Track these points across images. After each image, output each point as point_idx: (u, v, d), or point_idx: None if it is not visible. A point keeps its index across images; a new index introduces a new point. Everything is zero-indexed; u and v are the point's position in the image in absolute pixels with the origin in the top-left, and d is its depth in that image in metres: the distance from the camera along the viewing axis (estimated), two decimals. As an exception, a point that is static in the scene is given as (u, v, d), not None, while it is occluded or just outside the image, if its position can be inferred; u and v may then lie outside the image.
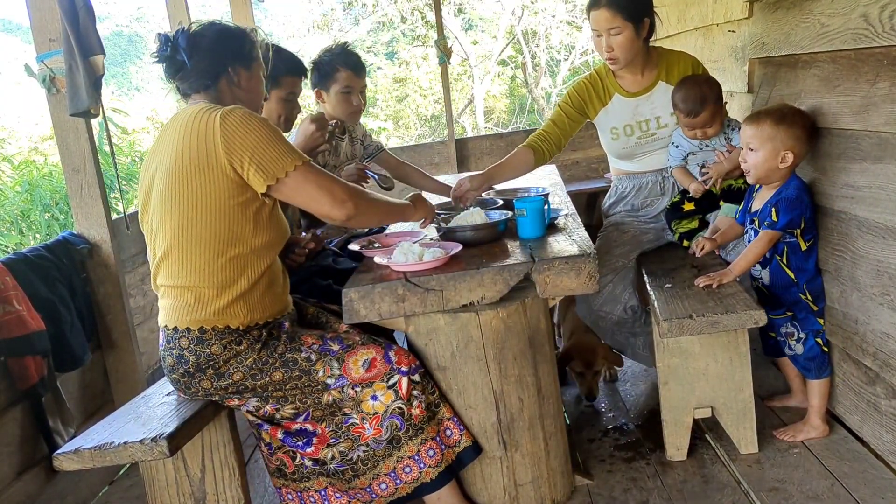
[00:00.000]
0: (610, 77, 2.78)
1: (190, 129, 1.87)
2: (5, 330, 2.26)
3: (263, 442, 2.09)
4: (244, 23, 4.41)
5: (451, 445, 2.05)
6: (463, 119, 12.42)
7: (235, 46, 2.04)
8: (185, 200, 1.88)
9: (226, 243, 1.91)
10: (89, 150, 2.70)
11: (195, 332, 1.91)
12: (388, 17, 12.45)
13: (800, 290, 2.32)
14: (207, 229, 1.89)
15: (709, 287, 2.25)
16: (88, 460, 1.81)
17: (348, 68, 2.82)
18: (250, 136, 1.85)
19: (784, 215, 2.21)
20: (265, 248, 1.98)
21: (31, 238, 5.67)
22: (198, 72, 1.99)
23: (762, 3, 2.71)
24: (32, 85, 2.73)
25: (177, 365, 1.95)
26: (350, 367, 1.96)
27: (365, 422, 1.99)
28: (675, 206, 2.70)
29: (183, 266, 1.92)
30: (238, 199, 1.89)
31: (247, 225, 1.93)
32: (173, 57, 1.99)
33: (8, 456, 2.29)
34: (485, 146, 5.15)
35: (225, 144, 1.84)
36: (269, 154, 1.87)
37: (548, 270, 2.01)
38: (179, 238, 1.90)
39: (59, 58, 2.57)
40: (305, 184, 1.91)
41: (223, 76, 2.02)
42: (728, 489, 2.18)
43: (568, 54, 12.41)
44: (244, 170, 1.86)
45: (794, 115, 2.23)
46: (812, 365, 2.35)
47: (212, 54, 2.00)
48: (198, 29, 2.02)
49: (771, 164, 2.23)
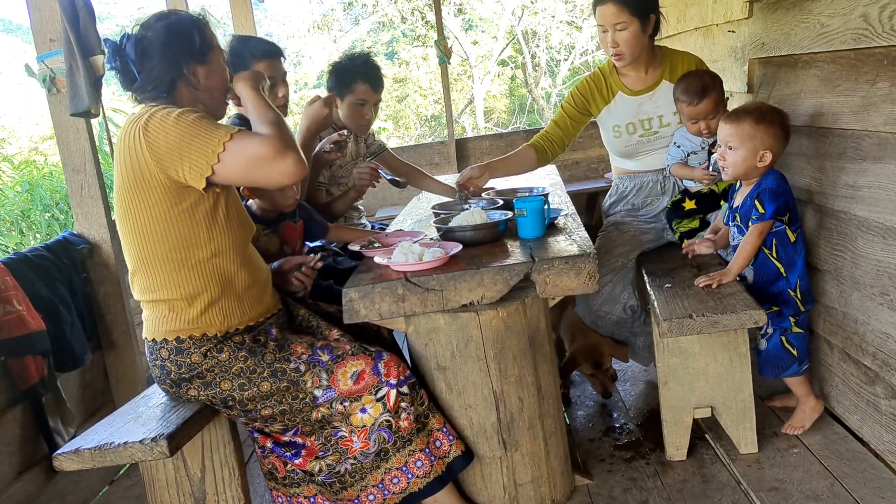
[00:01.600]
0: (614, 75, 2.78)
1: (121, 148, 1.81)
2: (5, 330, 2.26)
3: (258, 444, 2.09)
4: (244, 23, 4.42)
5: (441, 456, 2.03)
6: (463, 119, 12.42)
7: (187, 43, 1.87)
8: (133, 219, 1.85)
9: (183, 252, 1.86)
10: (89, 150, 2.70)
11: (173, 342, 1.90)
12: (388, 17, 12.45)
13: (789, 286, 2.30)
14: (161, 242, 1.85)
15: (709, 287, 2.25)
16: (88, 460, 1.81)
17: (367, 82, 2.82)
18: (172, 139, 1.75)
19: (770, 204, 2.21)
20: (229, 249, 1.92)
21: (32, 238, 5.67)
22: (151, 81, 1.86)
23: (762, 3, 2.71)
24: (33, 85, 2.73)
25: (162, 376, 1.95)
26: (339, 379, 1.93)
27: (353, 434, 1.97)
28: (676, 205, 2.70)
29: (151, 280, 1.90)
30: (180, 205, 1.83)
31: (199, 229, 1.86)
32: (125, 69, 1.87)
33: (8, 456, 2.29)
34: (485, 146, 5.15)
35: (153, 156, 1.77)
36: (194, 146, 1.75)
37: (548, 270, 2.01)
38: (140, 255, 1.88)
39: (59, 58, 2.57)
40: (238, 156, 1.76)
41: (180, 81, 1.88)
42: (728, 489, 2.18)
43: (568, 54, 12.40)
44: (180, 173, 1.78)
45: (773, 115, 2.24)
46: (770, 365, 2.35)
47: (163, 59, 1.85)
48: (144, 32, 1.87)
49: (750, 162, 2.24)
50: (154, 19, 1.89)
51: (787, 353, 2.33)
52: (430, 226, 2.49)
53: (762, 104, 2.30)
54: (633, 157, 2.83)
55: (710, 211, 2.65)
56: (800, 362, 2.34)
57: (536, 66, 12.52)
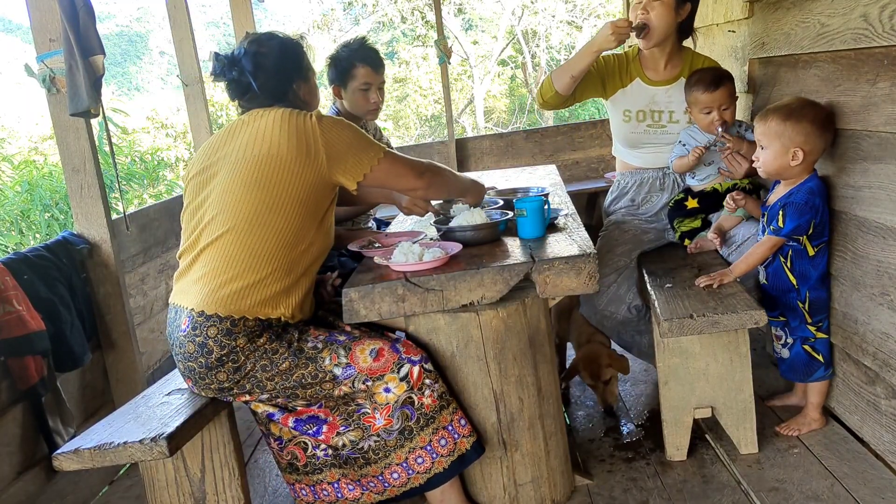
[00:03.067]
0: (636, 62, 2.80)
1: (288, 123, 1.95)
2: (5, 330, 2.26)
3: (273, 437, 2.08)
4: (244, 23, 4.42)
5: (466, 435, 2.02)
6: (463, 119, 12.43)
7: (297, 62, 2.11)
8: (274, 187, 1.93)
9: (295, 236, 1.96)
10: (89, 150, 2.70)
11: (227, 322, 1.89)
12: (388, 17, 12.46)
13: (799, 298, 2.29)
14: (284, 219, 1.94)
15: (709, 287, 2.25)
16: (88, 460, 1.81)
17: (367, 64, 2.80)
18: (345, 138, 1.98)
19: (791, 221, 2.17)
20: (319, 251, 2.05)
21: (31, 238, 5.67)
22: (265, 92, 2.04)
23: (762, 3, 2.71)
24: (32, 85, 2.73)
25: (197, 353, 1.90)
26: (357, 356, 1.95)
27: (377, 412, 1.98)
28: (679, 204, 2.70)
29: (241, 250, 1.93)
30: (319, 194, 1.99)
31: (313, 225, 2.01)
32: (239, 80, 2.04)
33: (8, 456, 2.29)
34: (485, 146, 5.15)
35: (326, 145, 1.95)
36: (360, 152, 2.00)
37: (548, 270, 2.01)
38: (249, 222, 1.93)
39: (59, 58, 2.57)
40: (391, 169, 2.07)
41: (289, 93, 2.08)
42: (728, 489, 2.18)
43: (568, 54, 12.40)
44: (339, 170, 1.98)
45: (803, 110, 2.17)
46: (796, 370, 2.35)
47: (277, 74, 2.06)
48: (260, 48, 2.05)
49: (781, 161, 2.19)
50: (266, 37, 2.09)
51: (814, 360, 2.32)
52: (430, 226, 2.49)
53: (795, 100, 2.23)
54: (637, 147, 2.83)
55: (713, 210, 2.65)
56: (826, 367, 2.33)
57: (536, 65, 12.52)
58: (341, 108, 2.92)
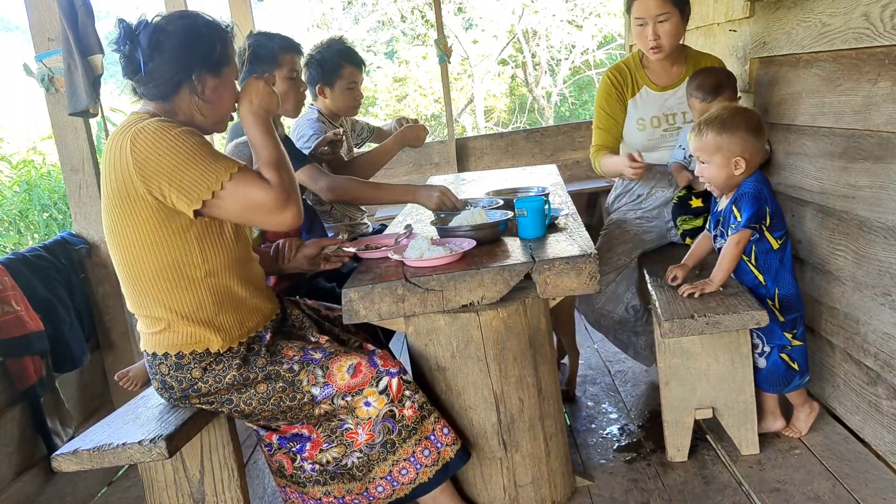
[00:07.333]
0: (640, 70, 2.80)
1: (108, 158, 1.72)
2: (4, 330, 2.26)
3: (264, 442, 2.08)
4: (243, 23, 4.40)
5: (449, 444, 2.00)
6: (463, 118, 12.41)
7: (204, 50, 1.79)
8: (120, 235, 1.76)
9: (176, 272, 1.78)
10: (88, 150, 2.70)
11: (173, 357, 1.84)
12: (388, 16, 12.44)
13: (767, 294, 2.25)
14: (152, 262, 1.76)
15: (692, 296, 2.22)
16: (87, 461, 1.80)
17: (353, 65, 2.97)
18: (164, 159, 1.67)
19: (746, 210, 2.17)
20: (226, 267, 1.84)
21: (30, 238, 5.66)
22: (155, 79, 1.77)
23: (763, 2, 2.70)
24: (31, 84, 2.72)
25: (161, 389, 1.91)
26: (335, 374, 1.89)
27: (359, 427, 1.94)
28: (683, 202, 2.68)
29: (143, 298, 1.82)
30: (170, 226, 1.74)
31: (192, 250, 1.77)
32: (131, 56, 1.77)
33: (7, 456, 2.29)
34: (485, 146, 5.14)
35: (139, 172, 1.67)
36: (189, 175, 1.68)
37: (548, 270, 2.00)
38: (130, 272, 1.80)
39: (57, 57, 2.56)
40: (236, 199, 1.71)
41: (185, 84, 1.79)
42: (729, 490, 2.17)
43: (568, 53, 12.39)
44: (165, 196, 1.69)
45: (735, 119, 2.17)
46: (772, 382, 2.31)
47: (175, 59, 1.76)
48: (163, 24, 1.77)
49: (725, 172, 2.19)
50: (178, 15, 1.81)
51: (789, 369, 2.29)
52: (430, 226, 2.48)
53: (724, 109, 2.24)
54: (654, 150, 2.82)
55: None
56: (801, 375, 2.30)
57: (537, 65, 12.51)
58: (322, 108, 3.00)
